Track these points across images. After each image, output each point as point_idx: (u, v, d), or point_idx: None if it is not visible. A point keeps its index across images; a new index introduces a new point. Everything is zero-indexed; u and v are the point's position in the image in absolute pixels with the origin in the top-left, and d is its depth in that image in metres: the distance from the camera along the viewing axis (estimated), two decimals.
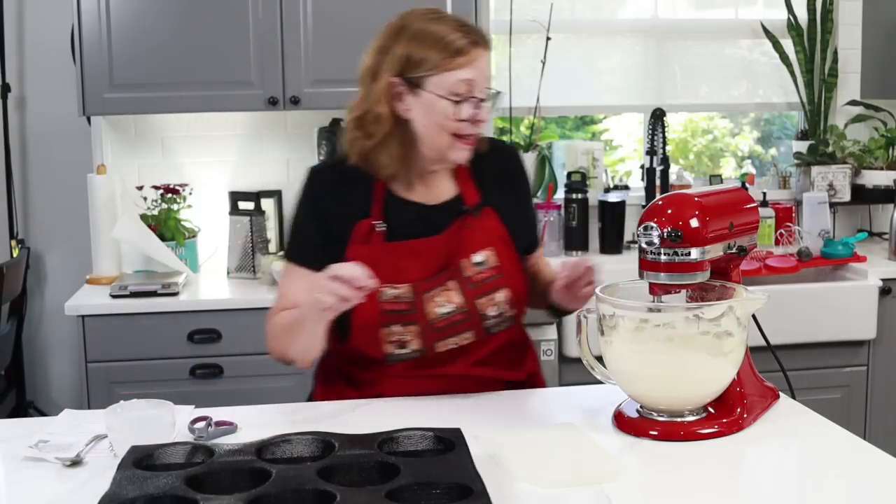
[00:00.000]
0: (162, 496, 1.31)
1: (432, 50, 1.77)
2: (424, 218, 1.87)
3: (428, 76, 1.77)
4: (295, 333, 1.81)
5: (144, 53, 3.18)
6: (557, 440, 1.64)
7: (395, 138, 1.82)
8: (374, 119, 1.80)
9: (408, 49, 1.78)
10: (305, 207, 1.91)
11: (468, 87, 1.78)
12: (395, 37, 1.81)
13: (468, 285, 1.84)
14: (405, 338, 1.83)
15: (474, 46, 1.78)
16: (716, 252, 1.67)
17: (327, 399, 1.96)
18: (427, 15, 1.82)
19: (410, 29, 1.80)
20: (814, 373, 3.25)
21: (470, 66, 1.77)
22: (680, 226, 1.62)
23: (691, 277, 1.65)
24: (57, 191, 3.67)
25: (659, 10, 3.86)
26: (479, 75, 1.79)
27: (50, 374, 3.76)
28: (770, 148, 4.18)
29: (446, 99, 1.77)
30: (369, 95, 1.82)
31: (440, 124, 1.79)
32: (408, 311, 1.82)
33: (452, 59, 1.76)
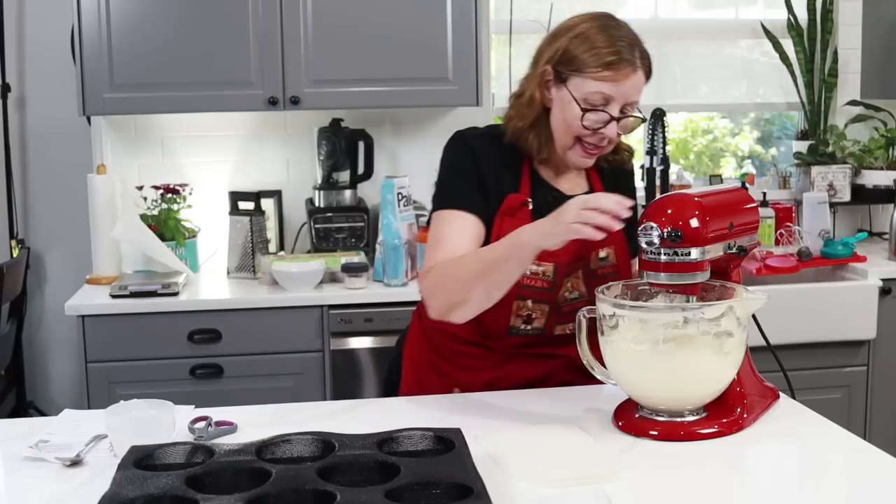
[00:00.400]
0: (162, 496, 1.31)
1: (587, 53, 1.80)
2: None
3: (573, 75, 1.82)
4: (490, 273, 1.74)
5: (144, 53, 3.18)
6: (557, 440, 1.64)
7: (542, 126, 1.88)
8: (527, 101, 1.87)
9: (569, 44, 1.82)
10: (462, 162, 1.89)
11: (603, 101, 1.81)
12: (566, 29, 1.85)
13: (592, 277, 1.90)
14: (534, 314, 1.88)
15: (627, 66, 1.80)
16: (716, 252, 1.67)
17: (418, 385, 1.98)
18: (603, 20, 1.84)
19: (582, 27, 1.83)
20: (814, 373, 3.25)
21: (613, 83, 1.79)
22: (680, 226, 1.62)
23: (691, 277, 1.65)
24: (57, 191, 3.67)
25: (659, 10, 3.86)
26: (621, 94, 1.81)
27: (50, 374, 3.76)
28: (770, 148, 4.18)
29: (577, 102, 1.81)
30: (530, 78, 1.90)
31: (567, 123, 1.84)
32: (546, 290, 1.86)
33: (600, 69, 1.79)
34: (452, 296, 1.79)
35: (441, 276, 1.80)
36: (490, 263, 1.74)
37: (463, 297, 1.78)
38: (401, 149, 3.66)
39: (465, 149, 1.91)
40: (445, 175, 1.92)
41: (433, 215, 1.91)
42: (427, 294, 1.84)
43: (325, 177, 3.50)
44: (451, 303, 1.80)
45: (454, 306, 1.80)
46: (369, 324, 3.11)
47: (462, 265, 1.79)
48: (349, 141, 3.50)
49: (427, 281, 1.84)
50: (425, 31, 3.29)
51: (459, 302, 1.78)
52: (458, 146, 1.92)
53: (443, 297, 1.81)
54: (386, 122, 3.66)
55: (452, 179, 1.90)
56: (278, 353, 3.09)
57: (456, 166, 1.90)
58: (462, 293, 1.78)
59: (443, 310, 1.82)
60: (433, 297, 1.83)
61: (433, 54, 3.30)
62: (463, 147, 1.91)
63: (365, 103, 3.35)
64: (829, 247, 3.42)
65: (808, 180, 3.73)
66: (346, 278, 3.15)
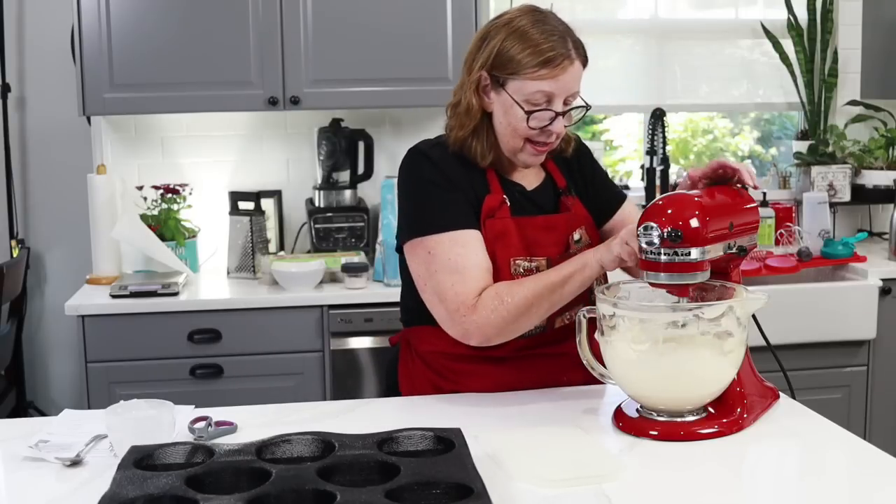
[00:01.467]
0: (162, 496, 1.31)
1: (522, 53, 1.76)
2: (530, 199, 1.91)
3: (511, 78, 1.78)
4: (554, 295, 1.74)
5: (144, 53, 3.19)
6: (557, 440, 1.64)
7: (484, 132, 1.85)
8: (465, 109, 1.84)
9: (503, 45, 1.78)
10: (434, 179, 1.83)
11: (546, 99, 1.78)
12: (498, 28, 1.81)
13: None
14: None
15: (564, 59, 1.77)
16: (716, 252, 1.67)
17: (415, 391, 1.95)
18: (531, 15, 1.80)
19: (513, 24, 1.79)
20: (814, 373, 3.25)
21: (554, 80, 1.77)
22: (680, 226, 1.61)
23: (691, 277, 1.65)
24: (57, 191, 3.67)
25: (659, 10, 3.86)
26: (562, 89, 1.78)
27: (50, 374, 3.76)
28: (770, 148, 4.18)
29: (520, 105, 1.79)
30: (464, 83, 1.86)
31: (513, 127, 1.81)
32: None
33: (538, 69, 1.76)
34: (514, 323, 1.76)
35: (503, 305, 1.75)
36: (555, 286, 1.75)
37: (523, 323, 1.77)
38: (401, 149, 3.61)
39: (429, 163, 1.85)
40: (420, 195, 1.84)
41: (425, 240, 1.81)
42: (482, 326, 1.76)
43: (325, 177, 3.50)
44: (508, 330, 1.77)
45: (509, 333, 1.78)
46: (369, 324, 3.11)
47: (526, 291, 1.75)
48: (349, 141, 3.50)
49: (481, 314, 1.76)
50: (425, 31, 3.29)
51: (516, 329, 1.77)
52: (420, 163, 1.87)
53: (501, 326, 1.76)
54: (386, 122, 3.66)
55: (432, 198, 1.83)
56: (278, 353, 3.09)
57: (428, 183, 1.84)
58: (523, 319, 1.76)
59: (494, 338, 1.78)
60: (490, 326, 1.76)
61: (433, 54, 3.30)
62: (426, 162, 1.86)
63: (365, 103, 3.35)
64: (829, 247, 3.42)
65: (808, 180, 3.73)
66: (346, 278, 3.15)
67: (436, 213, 1.82)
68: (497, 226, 1.84)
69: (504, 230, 1.83)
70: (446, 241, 1.80)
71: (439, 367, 1.93)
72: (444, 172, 1.84)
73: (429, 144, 1.91)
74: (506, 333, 1.78)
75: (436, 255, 1.80)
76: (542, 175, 1.97)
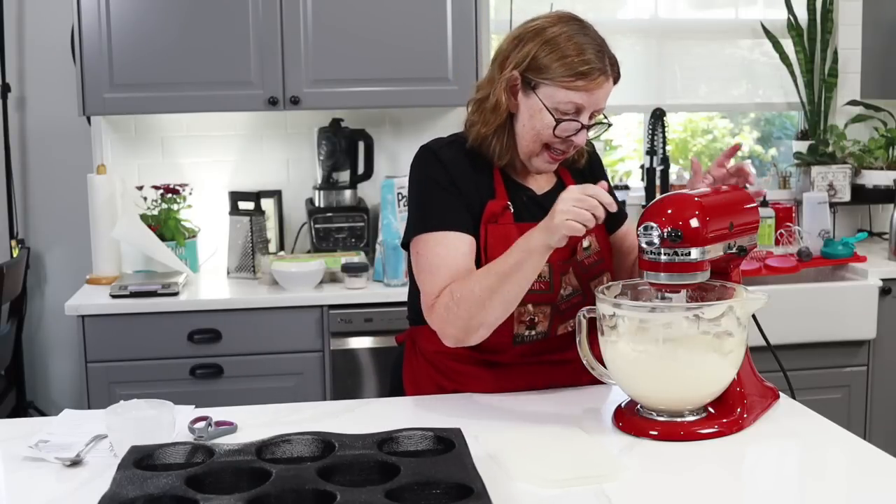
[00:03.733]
0: (162, 496, 1.31)
1: (558, 62, 1.76)
2: (539, 204, 1.90)
3: (544, 83, 1.78)
4: (505, 286, 1.70)
5: (144, 53, 3.18)
6: (557, 440, 1.64)
7: (505, 132, 1.85)
8: (492, 106, 1.83)
9: (538, 51, 1.78)
10: (437, 176, 1.84)
11: (575, 110, 1.79)
12: (534, 34, 1.81)
13: (580, 269, 1.89)
14: (536, 318, 1.86)
15: (600, 74, 1.77)
16: (716, 252, 1.67)
17: (419, 391, 1.95)
18: (572, 25, 1.80)
19: (550, 32, 1.79)
20: (814, 373, 3.25)
21: (586, 92, 1.77)
22: (680, 226, 1.62)
23: (691, 277, 1.65)
24: (57, 191, 3.67)
25: (659, 10, 3.86)
26: (591, 103, 1.79)
27: (50, 374, 3.76)
28: (770, 148, 4.18)
29: (550, 112, 1.79)
30: (494, 80, 1.85)
31: (537, 132, 1.81)
32: (544, 291, 1.84)
33: (574, 79, 1.76)
34: (470, 319, 1.73)
35: (454, 301, 1.74)
36: (504, 276, 1.70)
37: (481, 317, 1.73)
38: (401, 149, 3.66)
39: (437, 163, 1.85)
40: (422, 194, 1.86)
41: (417, 239, 1.83)
42: (440, 324, 1.77)
43: (325, 177, 3.50)
44: (469, 326, 1.74)
45: (472, 329, 1.75)
46: (369, 324, 3.11)
47: (474, 284, 1.73)
48: (349, 141, 3.50)
49: (437, 311, 1.77)
50: (425, 31, 3.29)
51: (477, 324, 1.74)
52: (428, 161, 1.87)
53: (459, 324, 1.74)
54: (386, 122, 3.66)
55: (431, 198, 1.84)
56: (278, 353, 3.09)
57: (431, 182, 1.84)
58: (480, 314, 1.72)
59: (460, 336, 1.76)
60: (448, 325, 1.76)
61: (433, 54, 3.30)
62: (434, 161, 1.86)
63: (365, 103, 3.35)
64: (829, 247, 3.42)
65: (808, 180, 3.73)
66: (346, 278, 3.15)
67: (430, 213, 1.84)
68: (499, 231, 1.83)
69: (506, 236, 1.82)
70: (431, 241, 1.82)
71: (443, 366, 1.94)
72: (449, 173, 1.85)
73: (441, 143, 1.91)
74: (470, 331, 1.74)
75: (420, 254, 1.83)
76: (554, 180, 1.97)
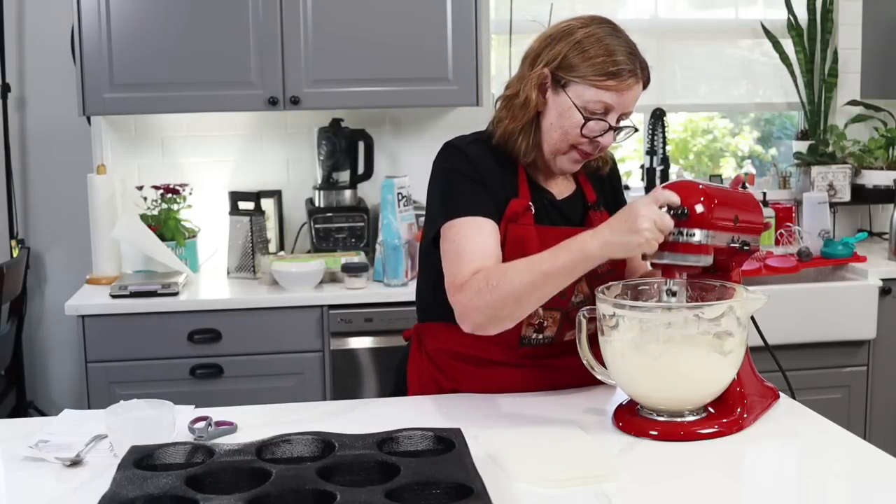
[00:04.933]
0: (162, 496, 1.31)
1: (589, 61, 1.77)
2: (558, 208, 1.91)
3: (574, 82, 1.79)
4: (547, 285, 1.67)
5: (144, 53, 3.18)
6: (557, 440, 1.64)
7: (532, 129, 1.85)
8: (522, 102, 1.83)
9: (570, 50, 1.79)
10: (464, 168, 1.84)
11: (604, 110, 1.79)
12: (566, 33, 1.82)
13: (593, 277, 1.86)
14: (545, 322, 1.85)
15: (630, 76, 1.78)
16: (720, 240, 1.67)
17: (423, 388, 1.95)
18: (605, 27, 1.82)
19: (582, 33, 1.80)
20: (814, 373, 3.25)
21: (616, 93, 1.78)
22: (687, 206, 1.63)
23: (695, 260, 1.65)
24: (57, 191, 3.67)
25: (659, 10, 3.87)
26: (620, 105, 1.80)
27: (50, 374, 3.76)
28: (770, 148, 4.18)
29: (579, 110, 1.79)
30: (524, 79, 1.85)
31: (565, 130, 1.81)
32: (557, 297, 1.80)
33: (603, 79, 1.77)
34: (501, 309, 1.69)
35: (488, 288, 1.69)
36: (549, 275, 1.66)
37: (512, 311, 1.70)
38: (401, 149, 3.66)
39: (463, 156, 1.85)
40: (449, 184, 1.84)
41: (446, 226, 1.81)
42: (466, 307, 1.72)
43: (325, 177, 3.50)
44: (498, 317, 1.70)
45: (499, 320, 1.71)
46: (369, 324, 3.11)
47: (515, 276, 1.68)
48: (349, 141, 3.50)
49: (467, 293, 1.72)
50: (425, 31, 3.29)
51: (506, 316, 1.70)
52: (454, 155, 1.87)
53: (489, 312, 1.70)
54: (386, 122, 3.66)
55: (459, 187, 1.83)
56: (278, 353, 3.09)
57: (458, 173, 1.84)
58: (512, 307, 1.69)
59: (483, 323, 1.72)
60: (475, 310, 1.71)
61: (433, 54, 3.30)
62: (460, 155, 1.86)
63: (365, 103, 3.35)
64: (829, 247, 3.42)
65: (808, 180, 3.73)
66: (346, 278, 3.15)
67: (458, 201, 1.82)
68: (519, 231, 1.83)
69: (525, 237, 1.82)
70: (458, 225, 1.80)
71: (445, 365, 1.94)
72: (475, 167, 1.85)
73: (465, 140, 1.91)
74: (497, 321, 1.71)
75: (448, 238, 1.81)
76: (573, 187, 1.96)
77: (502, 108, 1.88)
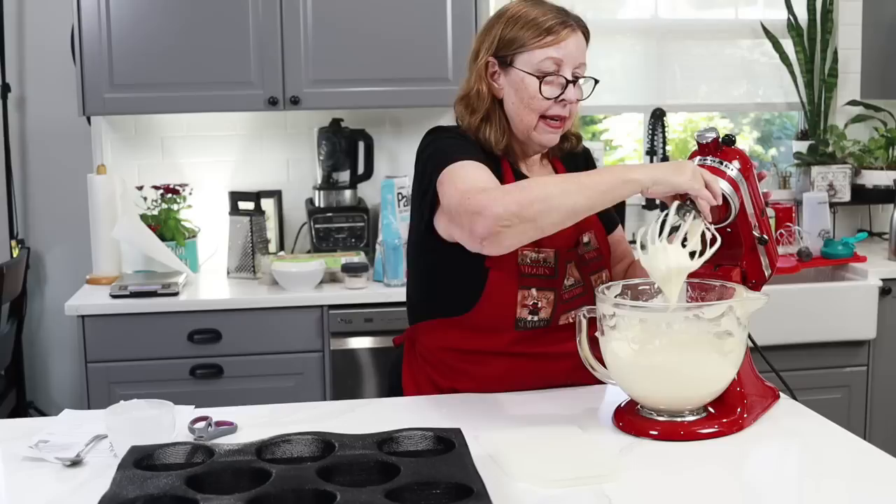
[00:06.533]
0: (162, 496, 1.31)
1: (523, 29, 1.83)
2: None
3: (517, 53, 1.84)
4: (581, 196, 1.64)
5: (144, 53, 3.19)
6: (557, 440, 1.64)
7: (496, 117, 1.88)
8: (475, 95, 1.88)
9: (503, 30, 1.86)
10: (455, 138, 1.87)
11: (555, 66, 1.83)
12: (495, 21, 1.89)
13: (581, 262, 1.90)
14: (539, 303, 1.86)
15: (564, 27, 1.83)
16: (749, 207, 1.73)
17: (419, 391, 1.95)
18: (526, 1, 1.88)
19: (508, 12, 1.87)
20: (814, 373, 3.25)
21: (557, 45, 1.82)
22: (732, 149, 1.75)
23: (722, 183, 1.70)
24: (57, 191, 3.67)
25: (659, 10, 3.86)
26: (568, 56, 1.83)
27: (50, 374, 3.76)
28: (770, 148, 4.18)
29: (532, 76, 1.82)
30: (472, 76, 1.91)
31: (526, 102, 1.84)
32: (548, 277, 1.85)
33: (541, 37, 1.82)
34: (530, 205, 1.62)
35: (517, 188, 1.67)
36: (586, 187, 1.64)
37: (541, 210, 1.62)
38: (401, 149, 3.66)
39: (451, 132, 1.90)
40: (441, 146, 1.84)
41: (446, 170, 1.76)
42: (487, 203, 1.63)
43: (325, 177, 3.50)
44: (520, 215, 1.62)
45: (519, 221, 1.62)
46: (369, 324, 3.11)
47: (549, 181, 1.68)
48: (349, 141, 3.50)
49: (490, 193, 1.66)
50: (425, 31, 3.29)
51: (532, 214, 1.62)
52: (443, 131, 1.91)
53: (513, 207, 1.61)
54: (386, 122, 3.66)
55: (453, 144, 1.84)
56: (278, 353, 3.09)
57: (450, 138, 1.87)
58: (543, 206, 1.62)
59: (503, 218, 1.62)
60: (497, 204, 1.62)
61: (433, 54, 3.30)
62: (448, 132, 1.90)
63: (365, 103, 3.35)
64: (829, 247, 3.42)
65: (808, 180, 3.73)
66: (346, 278, 3.15)
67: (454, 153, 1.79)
68: None
69: None
70: (464, 163, 1.76)
71: (439, 362, 1.94)
72: (464, 137, 1.89)
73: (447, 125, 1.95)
74: (516, 223, 1.62)
75: (451, 174, 1.75)
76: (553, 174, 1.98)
77: (460, 108, 1.92)
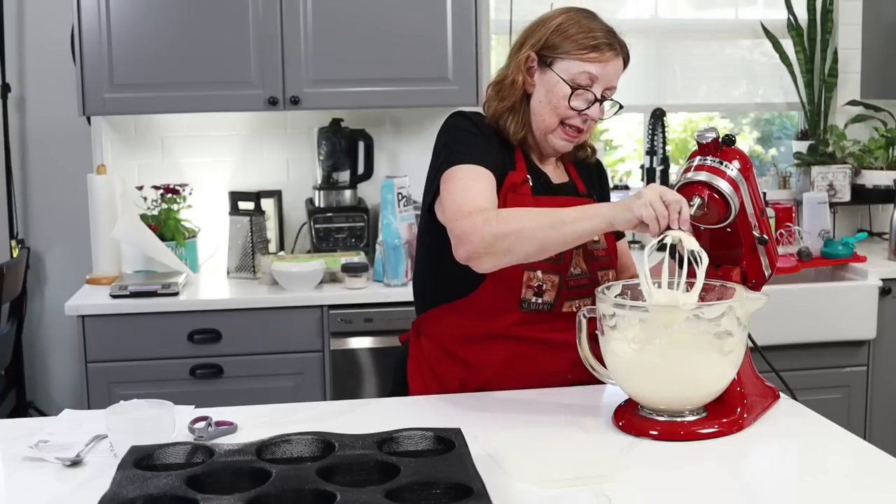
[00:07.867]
0: (162, 496, 1.31)
1: (571, 39, 1.89)
2: (553, 190, 1.97)
3: (559, 58, 1.90)
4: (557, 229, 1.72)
5: (144, 53, 3.19)
6: (557, 440, 1.64)
7: (521, 109, 1.94)
8: (510, 84, 1.94)
9: (552, 32, 1.91)
10: (471, 129, 1.93)
11: (589, 81, 1.89)
12: (547, 20, 1.94)
13: (590, 256, 1.95)
14: (544, 286, 1.89)
15: (609, 50, 1.90)
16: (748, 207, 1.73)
17: (427, 388, 1.97)
18: (582, 12, 1.95)
19: (563, 16, 1.93)
20: (814, 373, 3.24)
21: (598, 64, 1.89)
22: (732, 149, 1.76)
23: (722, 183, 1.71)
24: (57, 191, 3.67)
25: (659, 10, 3.87)
26: (604, 76, 1.90)
27: (50, 374, 3.76)
28: (770, 148, 4.18)
29: (566, 83, 1.89)
30: (510, 65, 1.97)
31: (553, 105, 1.90)
32: (555, 261, 1.88)
33: (586, 52, 1.88)
34: (504, 237, 1.72)
35: (496, 217, 1.75)
36: (558, 222, 1.72)
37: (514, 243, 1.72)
38: (401, 149, 3.66)
39: (470, 121, 1.95)
40: (455, 138, 1.92)
41: (452, 169, 1.86)
42: (469, 231, 1.75)
43: (325, 177, 3.50)
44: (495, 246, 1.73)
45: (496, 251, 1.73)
46: (369, 324, 3.11)
47: (524, 213, 1.76)
48: (349, 141, 3.50)
49: (473, 219, 1.76)
50: (425, 30, 3.29)
51: (505, 247, 1.72)
52: (461, 119, 1.96)
53: (489, 238, 1.73)
54: (386, 122, 3.66)
55: (465, 140, 1.91)
56: (278, 353, 3.09)
57: (465, 131, 1.93)
58: (515, 239, 1.72)
59: (480, 249, 1.74)
60: (477, 234, 1.74)
61: (433, 54, 3.30)
62: (467, 119, 1.95)
63: (365, 103, 3.35)
64: (829, 247, 3.42)
65: (808, 180, 3.73)
66: (346, 278, 3.15)
67: (463, 150, 1.89)
68: (517, 201, 1.88)
69: (523, 206, 1.86)
70: (464, 169, 1.86)
71: (445, 349, 1.96)
72: (480, 129, 1.94)
73: (470, 111, 2.00)
74: (492, 252, 1.73)
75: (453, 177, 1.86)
76: (566, 178, 2.03)
77: (491, 92, 1.99)
